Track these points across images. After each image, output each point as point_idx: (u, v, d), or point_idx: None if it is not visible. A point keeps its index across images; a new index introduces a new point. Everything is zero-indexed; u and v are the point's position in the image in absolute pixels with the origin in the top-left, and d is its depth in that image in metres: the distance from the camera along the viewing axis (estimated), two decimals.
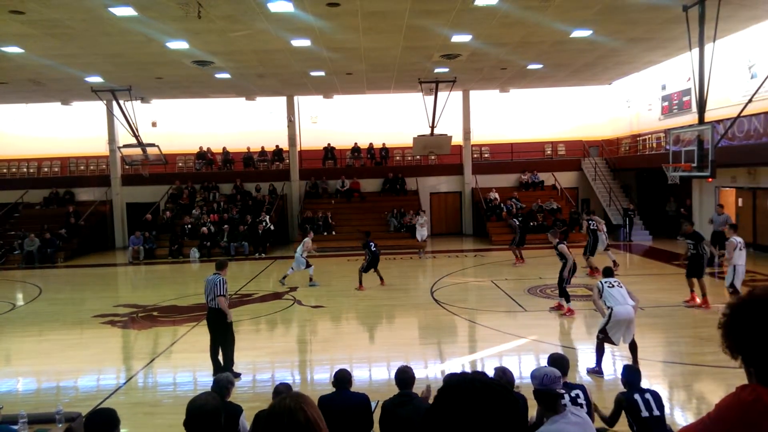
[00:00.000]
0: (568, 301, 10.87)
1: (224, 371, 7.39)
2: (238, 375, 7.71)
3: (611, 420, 4.97)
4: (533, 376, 3.85)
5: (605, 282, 7.73)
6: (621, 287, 7.61)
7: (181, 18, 12.10)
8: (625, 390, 5.02)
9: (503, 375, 4.78)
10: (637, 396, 4.82)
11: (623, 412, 4.86)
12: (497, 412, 1.27)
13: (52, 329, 11.19)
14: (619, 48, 17.03)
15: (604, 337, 7.50)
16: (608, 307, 7.48)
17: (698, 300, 10.93)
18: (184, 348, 9.47)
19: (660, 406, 4.79)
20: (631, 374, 5.13)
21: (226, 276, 7.95)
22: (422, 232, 19.52)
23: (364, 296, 13.11)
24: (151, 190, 24.12)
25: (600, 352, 7.56)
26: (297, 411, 1.91)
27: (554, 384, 3.72)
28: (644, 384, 5.22)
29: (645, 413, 4.71)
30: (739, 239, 10.40)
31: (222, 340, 7.83)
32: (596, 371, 7.46)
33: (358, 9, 12.14)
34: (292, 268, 14.34)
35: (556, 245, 11.10)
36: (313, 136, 25.54)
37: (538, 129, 26.18)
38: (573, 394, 4.52)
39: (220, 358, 7.87)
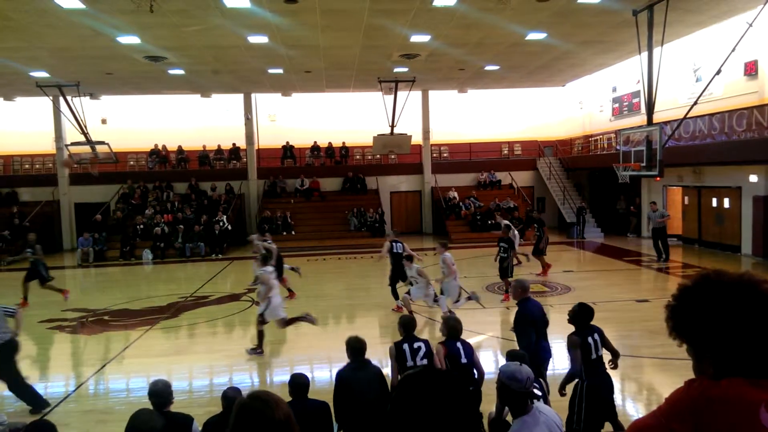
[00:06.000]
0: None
1: None
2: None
3: (575, 365, 4.86)
4: (515, 378, 3.46)
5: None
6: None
7: (132, 11, 11.69)
8: (577, 331, 4.97)
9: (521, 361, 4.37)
10: (590, 339, 4.87)
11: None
12: (453, 397, 1.41)
13: None
14: (572, 51, 17.49)
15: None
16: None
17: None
18: (137, 353, 9.16)
19: (606, 343, 5.00)
20: (586, 313, 5.01)
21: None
22: (420, 292, 10.59)
23: (324, 296, 13.02)
24: (101, 189, 23.25)
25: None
26: (274, 408, 1.78)
27: (533, 386, 3.70)
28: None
29: (594, 355, 4.85)
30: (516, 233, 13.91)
31: None
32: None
33: (316, 6, 12.02)
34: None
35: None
36: (272, 135, 25.18)
37: (496, 129, 26.65)
38: (415, 346, 5.26)
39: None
